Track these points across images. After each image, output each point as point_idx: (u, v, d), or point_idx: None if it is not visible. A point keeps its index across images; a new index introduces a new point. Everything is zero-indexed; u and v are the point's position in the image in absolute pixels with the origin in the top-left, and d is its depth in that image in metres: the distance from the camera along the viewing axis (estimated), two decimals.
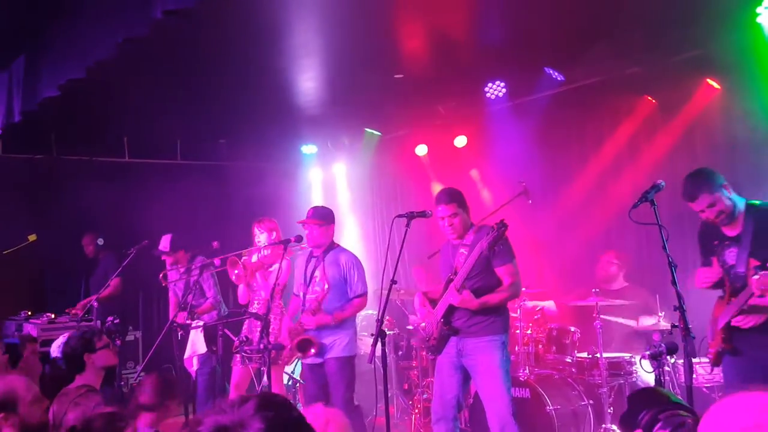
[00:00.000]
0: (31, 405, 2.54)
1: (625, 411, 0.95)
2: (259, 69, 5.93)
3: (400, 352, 6.57)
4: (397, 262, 4.22)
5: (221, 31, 5.03)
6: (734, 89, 5.54)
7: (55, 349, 4.29)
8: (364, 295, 5.02)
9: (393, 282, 4.13)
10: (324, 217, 5.07)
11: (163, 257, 6.39)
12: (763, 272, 3.42)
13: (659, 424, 0.89)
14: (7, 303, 7.10)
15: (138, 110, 6.25)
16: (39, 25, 5.00)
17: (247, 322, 5.47)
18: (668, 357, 4.41)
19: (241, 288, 5.64)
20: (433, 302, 4.41)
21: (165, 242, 6.35)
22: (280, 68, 6.10)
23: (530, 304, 5.71)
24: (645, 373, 4.96)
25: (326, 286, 4.90)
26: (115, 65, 4.52)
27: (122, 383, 6.05)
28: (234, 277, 5.48)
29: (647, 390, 0.87)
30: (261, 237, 5.54)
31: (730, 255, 3.80)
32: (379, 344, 3.97)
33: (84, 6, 4.58)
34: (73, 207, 7.53)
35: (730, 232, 3.84)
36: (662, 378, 3.51)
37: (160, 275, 6.28)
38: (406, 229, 4.24)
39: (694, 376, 4.47)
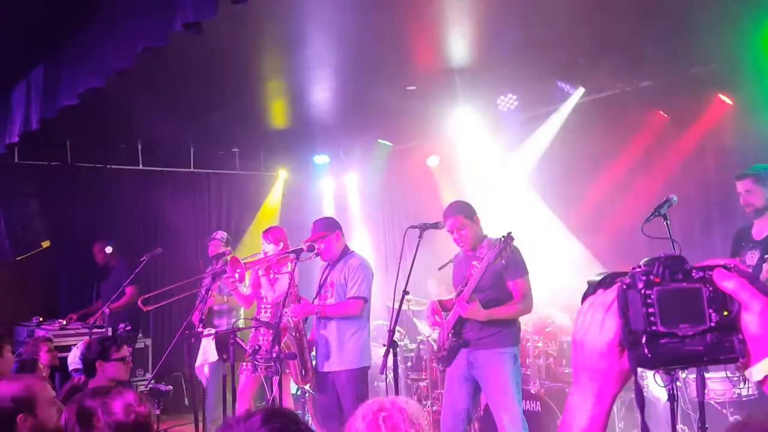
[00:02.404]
0: (48, 407, 2.55)
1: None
2: (273, 79, 5.98)
3: (410, 364, 6.54)
4: (410, 273, 4.23)
5: (237, 42, 5.08)
6: (746, 104, 5.53)
7: (72, 361, 4.28)
8: (361, 299, 4.78)
9: (405, 293, 4.14)
10: (326, 227, 4.93)
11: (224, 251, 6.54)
12: None
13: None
14: (19, 309, 7.15)
15: (152, 118, 6.31)
16: (58, 36, 5.06)
17: (254, 330, 5.48)
18: (680, 371, 4.39)
19: (247, 287, 5.70)
20: (447, 312, 4.41)
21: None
22: (294, 79, 6.15)
23: (543, 311, 5.69)
24: (656, 387, 4.93)
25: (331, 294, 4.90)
26: (134, 74, 4.57)
27: None
28: (237, 277, 5.49)
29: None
30: (268, 248, 5.48)
31: (750, 257, 3.92)
32: (390, 355, 3.98)
33: (103, 16, 4.64)
34: (86, 214, 7.59)
35: (757, 235, 4.01)
36: (675, 393, 3.49)
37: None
38: (419, 240, 4.25)
39: (706, 391, 4.44)
